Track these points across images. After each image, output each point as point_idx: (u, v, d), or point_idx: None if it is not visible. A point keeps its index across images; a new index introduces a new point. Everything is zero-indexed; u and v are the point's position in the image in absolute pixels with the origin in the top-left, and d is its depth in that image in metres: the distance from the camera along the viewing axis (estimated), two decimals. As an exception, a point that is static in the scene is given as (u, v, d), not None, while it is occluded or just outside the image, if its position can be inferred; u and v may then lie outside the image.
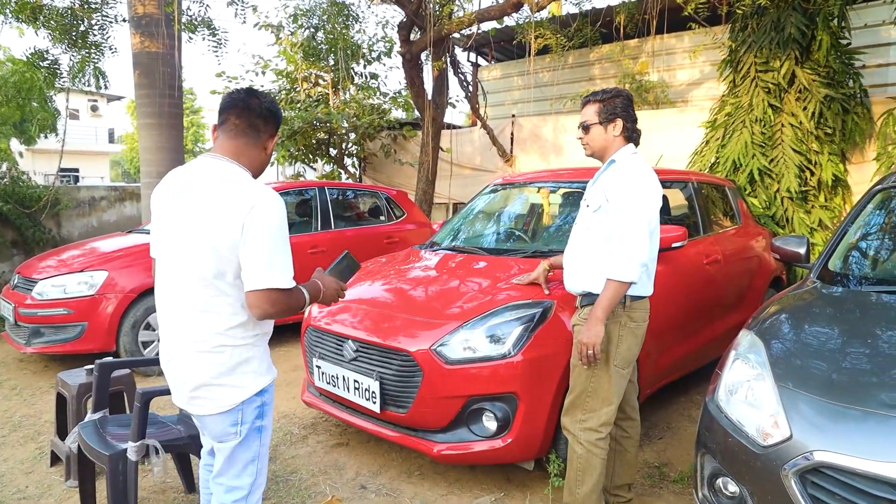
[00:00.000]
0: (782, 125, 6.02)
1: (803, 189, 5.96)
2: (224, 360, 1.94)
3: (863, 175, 6.17)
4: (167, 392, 2.32)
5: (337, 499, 3.06)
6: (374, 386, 3.11)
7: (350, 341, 3.29)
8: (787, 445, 1.91)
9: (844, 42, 6.18)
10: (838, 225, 3.18)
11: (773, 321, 2.52)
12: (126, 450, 2.63)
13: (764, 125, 6.07)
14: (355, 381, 3.23)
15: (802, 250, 3.24)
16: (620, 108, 2.54)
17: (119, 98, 36.56)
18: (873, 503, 1.72)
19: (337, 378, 3.35)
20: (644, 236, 2.38)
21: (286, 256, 1.89)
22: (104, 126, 36.02)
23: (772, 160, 6.00)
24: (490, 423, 2.93)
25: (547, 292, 3.09)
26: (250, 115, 1.99)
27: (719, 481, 2.21)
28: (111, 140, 36.84)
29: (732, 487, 2.15)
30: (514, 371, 2.88)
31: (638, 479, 3.19)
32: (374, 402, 3.12)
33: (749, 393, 2.18)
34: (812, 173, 5.98)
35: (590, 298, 2.54)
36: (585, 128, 2.61)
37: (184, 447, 2.83)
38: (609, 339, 2.46)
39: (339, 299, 2.20)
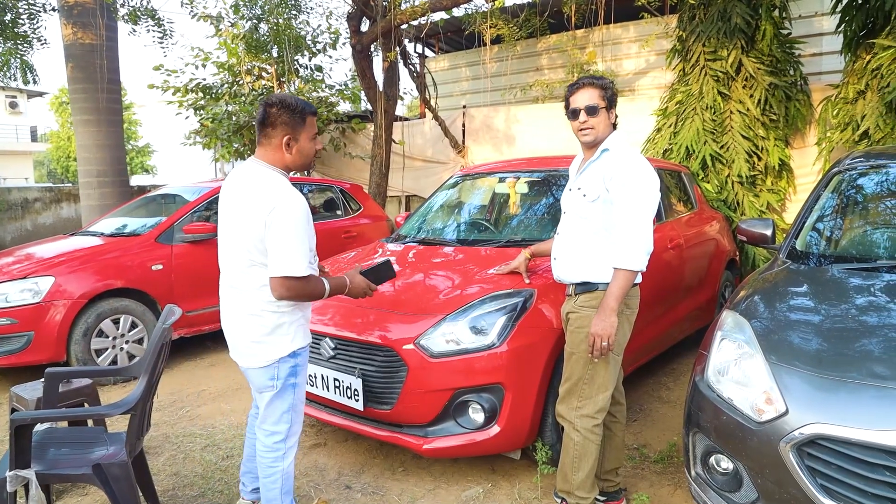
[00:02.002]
0: (731, 112, 6.22)
1: (752, 174, 6.18)
2: (264, 323, 2.38)
3: (805, 159, 6.44)
4: (48, 418, 2.57)
5: (323, 500, 2.98)
6: (357, 383, 3.04)
7: (327, 339, 3.21)
8: (784, 420, 1.96)
9: (785, 32, 6.42)
10: (802, 206, 3.29)
11: (753, 301, 2.58)
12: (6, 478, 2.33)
13: (714, 112, 6.25)
14: (335, 379, 3.16)
15: (769, 232, 3.35)
16: (615, 97, 2.55)
17: (41, 94, 34.67)
18: (870, 470, 1.79)
19: (315, 377, 3.26)
20: (650, 226, 2.42)
21: (302, 249, 2.26)
22: (25, 124, 34.15)
23: (722, 146, 6.19)
24: (477, 415, 2.91)
25: (527, 281, 3.09)
26: (260, 125, 2.38)
27: (713, 458, 2.26)
28: (34, 139, 34.95)
29: (726, 464, 2.20)
30: (499, 361, 2.87)
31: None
32: (357, 400, 3.05)
33: (739, 371, 2.23)
34: (759, 158, 6.21)
35: (585, 287, 2.54)
36: (593, 110, 2.50)
37: (79, 478, 2.48)
38: None
39: (367, 296, 2.65)
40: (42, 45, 7.86)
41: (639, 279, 2.57)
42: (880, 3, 5.22)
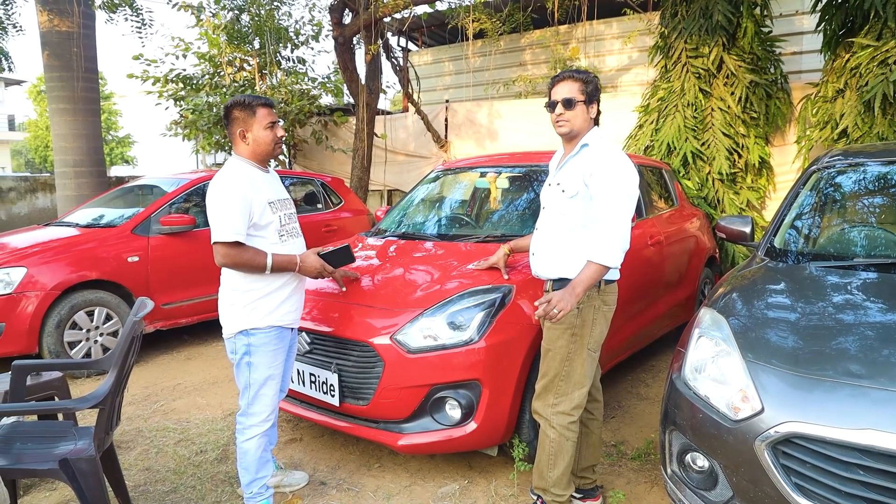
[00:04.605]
0: (712, 109, 6.24)
1: (732, 171, 6.21)
2: (225, 299, 2.65)
3: (784, 157, 6.49)
4: (13, 412, 2.58)
5: (297, 497, 2.94)
6: (333, 379, 3.01)
7: (304, 334, 3.17)
8: (759, 418, 1.95)
9: (766, 30, 6.45)
10: (781, 204, 3.30)
11: (731, 298, 2.57)
12: None
13: (695, 109, 6.27)
14: (311, 374, 3.12)
15: (747, 229, 3.35)
16: (597, 92, 2.52)
17: (19, 82, 34.06)
18: (844, 469, 1.78)
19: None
20: (628, 223, 2.39)
21: (226, 217, 2.47)
22: (3, 112, 33.55)
23: (703, 143, 6.22)
24: (454, 412, 2.88)
25: (506, 277, 3.07)
26: (226, 127, 2.68)
27: (689, 456, 2.25)
28: (11, 127, 34.36)
29: (702, 462, 2.19)
30: (477, 357, 2.84)
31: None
32: (333, 396, 3.02)
33: (716, 369, 2.22)
34: (740, 156, 6.24)
35: (562, 283, 2.51)
36: (569, 103, 2.48)
37: (45, 473, 2.38)
38: (584, 322, 2.45)
39: (322, 277, 2.81)
40: (17, 31, 7.67)
41: (617, 276, 2.55)
42: (859, 2, 5.25)
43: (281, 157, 10.92)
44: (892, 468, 1.72)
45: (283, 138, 2.76)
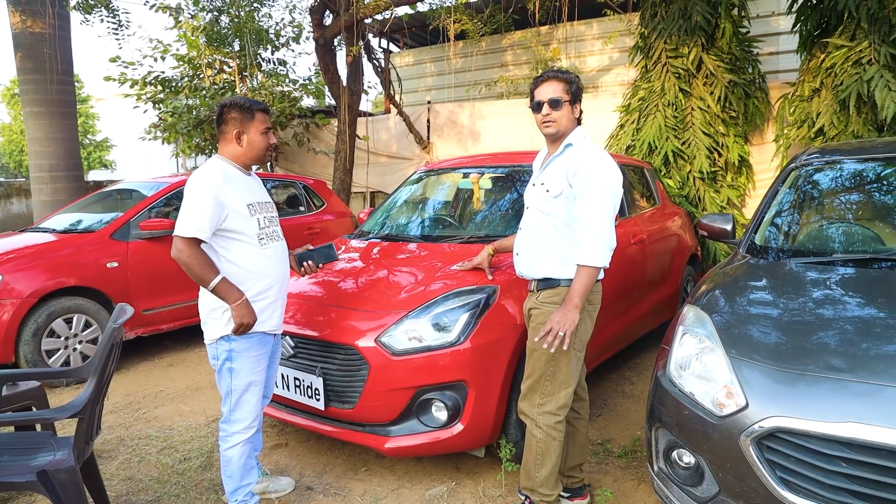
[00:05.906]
0: (692, 109, 6.31)
1: (713, 170, 6.27)
2: (205, 304, 2.60)
3: (763, 156, 6.57)
4: None
5: (283, 502, 2.91)
6: (318, 382, 2.98)
7: (288, 337, 3.14)
8: (744, 414, 1.97)
9: (744, 30, 6.53)
10: (761, 202, 3.34)
11: (714, 295, 2.59)
12: None
13: (676, 109, 6.33)
14: (296, 378, 3.09)
15: (729, 227, 3.38)
16: (580, 92, 2.53)
17: (-9, 86, 33.46)
18: (828, 462, 1.80)
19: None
20: (612, 222, 2.40)
21: (192, 212, 2.43)
22: (-26, 117, 32.93)
23: (684, 142, 6.28)
24: (440, 413, 2.88)
25: (490, 277, 3.06)
26: (217, 125, 2.66)
27: (675, 453, 2.26)
28: (-17, 132, 33.73)
29: (688, 458, 2.20)
30: (462, 359, 2.83)
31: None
32: (318, 400, 2.99)
33: (700, 365, 2.24)
34: (720, 154, 6.31)
35: (546, 283, 2.52)
36: (556, 103, 2.48)
37: (23, 486, 2.32)
38: None
39: (242, 328, 2.54)
40: (-11, 33, 7.53)
41: (601, 275, 2.55)
42: (833, 3, 5.33)
43: (262, 160, 10.82)
44: (873, 460, 1.74)
45: (274, 145, 2.76)
